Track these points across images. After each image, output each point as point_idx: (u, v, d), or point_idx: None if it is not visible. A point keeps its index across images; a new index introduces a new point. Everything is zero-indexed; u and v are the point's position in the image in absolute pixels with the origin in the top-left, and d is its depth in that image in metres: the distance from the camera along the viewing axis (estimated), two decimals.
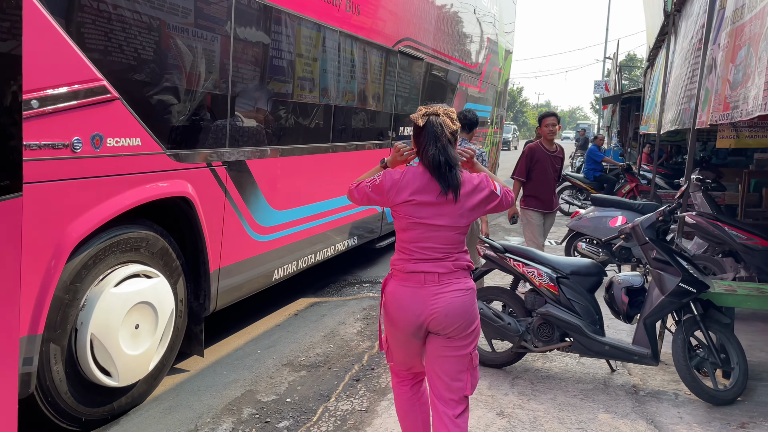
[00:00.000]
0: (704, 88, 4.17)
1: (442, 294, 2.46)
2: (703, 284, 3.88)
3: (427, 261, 2.48)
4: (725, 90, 3.38)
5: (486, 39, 10.62)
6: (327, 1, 5.25)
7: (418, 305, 2.47)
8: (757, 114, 2.76)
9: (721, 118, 3.40)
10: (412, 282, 2.49)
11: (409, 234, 2.52)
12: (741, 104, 3.06)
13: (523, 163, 6.00)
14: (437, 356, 2.52)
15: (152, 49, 3.44)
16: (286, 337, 4.86)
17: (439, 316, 2.45)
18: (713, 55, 4.03)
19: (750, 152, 10.98)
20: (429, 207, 2.47)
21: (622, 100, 17.93)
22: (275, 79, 4.71)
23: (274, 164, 4.76)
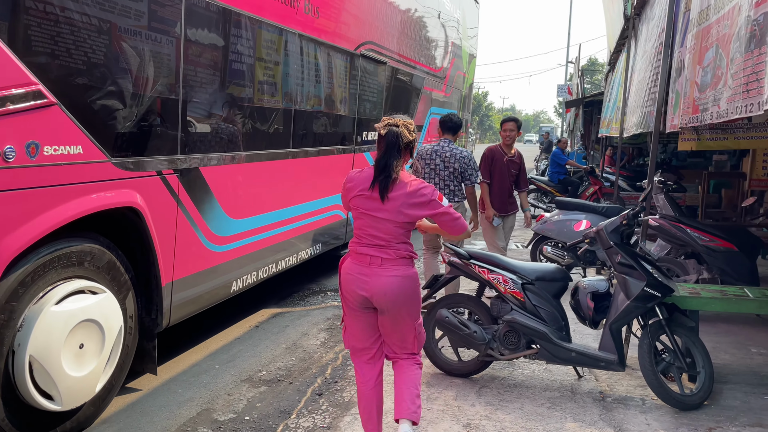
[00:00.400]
0: (674, 91, 4.16)
1: (383, 276, 2.91)
2: (668, 288, 3.85)
3: (372, 246, 2.94)
4: (693, 92, 3.35)
5: (450, 43, 10.60)
6: (285, 3, 5.10)
7: (362, 281, 2.93)
8: (735, 117, 2.72)
9: (691, 121, 3.37)
10: (360, 261, 2.96)
11: (358, 222, 3.00)
12: (711, 106, 3.02)
13: (484, 165, 6.03)
14: (384, 329, 3.03)
15: (96, 52, 3.24)
16: (246, 351, 4.68)
17: (379, 294, 2.91)
18: (681, 57, 4.02)
19: (709, 154, 11.19)
20: (373, 201, 2.92)
21: (585, 104, 18.18)
22: (231, 83, 4.54)
23: (231, 171, 4.58)
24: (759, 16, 2.55)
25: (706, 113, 3.09)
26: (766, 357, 4.64)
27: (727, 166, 10.21)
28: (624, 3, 8.15)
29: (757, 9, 2.58)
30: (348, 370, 4.32)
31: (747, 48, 2.68)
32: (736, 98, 2.75)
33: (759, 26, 2.54)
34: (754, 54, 2.61)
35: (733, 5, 2.91)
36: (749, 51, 2.65)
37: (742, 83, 2.70)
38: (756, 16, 2.58)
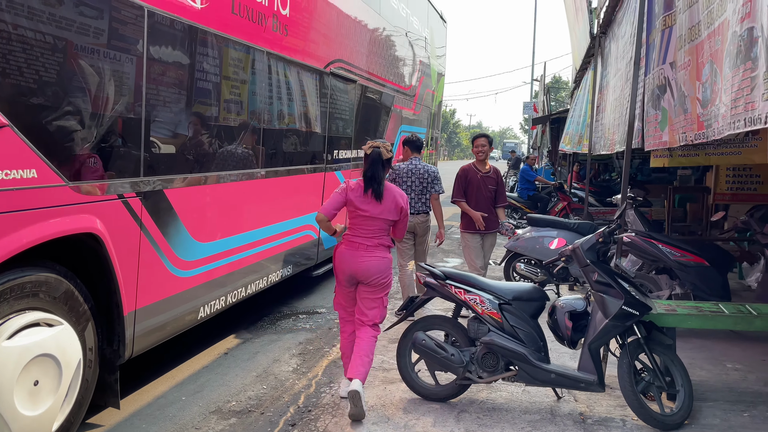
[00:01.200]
0: (659, 108, 4.15)
1: (367, 257, 3.99)
2: (646, 306, 3.81)
3: (362, 237, 4.02)
4: (696, 109, 3.33)
5: (418, 62, 10.63)
6: (252, 21, 5.00)
7: (352, 261, 4.00)
8: (727, 134, 2.70)
9: (697, 138, 3.35)
10: (351, 247, 4.02)
11: (352, 220, 4.06)
12: (713, 122, 3.01)
13: (458, 184, 6.08)
14: (361, 297, 4.07)
15: (52, 71, 3.08)
16: (215, 380, 4.48)
17: (363, 270, 3.98)
18: (665, 74, 4.01)
19: (673, 169, 11.40)
20: (368, 204, 3.98)
21: (552, 121, 18.43)
22: (197, 102, 4.40)
23: (198, 193, 4.42)
24: (743, 31, 2.54)
25: (710, 129, 3.07)
26: (742, 372, 4.64)
27: (692, 180, 10.40)
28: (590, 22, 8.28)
29: (741, 24, 2.57)
30: (322, 398, 4.16)
31: (735, 64, 2.67)
32: (727, 115, 2.74)
33: (744, 42, 2.53)
34: (740, 70, 2.59)
35: (722, 20, 2.91)
36: (736, 67, 2.64)
37: (731, 99, 2.69)
38: (741, 31, 2.57)
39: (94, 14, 3.34)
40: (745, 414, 3.92)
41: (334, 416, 3.88)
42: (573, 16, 10.68)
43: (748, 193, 8.25)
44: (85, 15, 3.27)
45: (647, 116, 4.61)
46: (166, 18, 3.92)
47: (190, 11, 4.15)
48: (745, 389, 4.32)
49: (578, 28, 10.13)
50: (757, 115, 2.39)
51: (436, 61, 12.14)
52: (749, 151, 4.62)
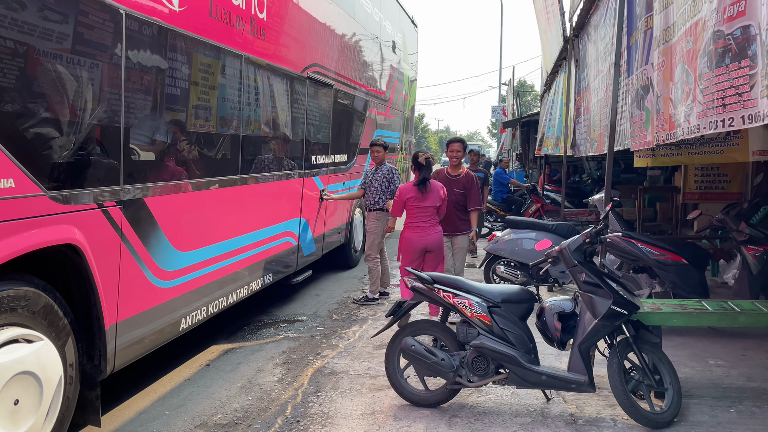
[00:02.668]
0: (643, 108, 4.19)
1: (433, 233, 5.63)
2: (634, 305, 3.84)
3: (422, 221, 5.63)
4: (668, 109, 3.37)
5: (391, 66, 10.62)
6: (230, 25, 4.90)
7: (424, 238, 5.59)
8: (708, 132, 2.72)
9: (669, 137, 3.38)
10: (418, 230, 5.62)
11: (411, 212, 5.66)
12: (683, 122, 3.03)
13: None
14: (428, 261, 5.63)
15: (28, 78, 2.95)
16: (198, 393, 4.36)
17: (432, 242, 5.60)
18: (647, 75, 4.06)
19: (641, 170, 11.62)
20: (420, 199, 5.63)
21: (522, 124, 18.63)
22: (176, 108, 4.29)
23: (178, 201, 4.31)
24: (735, 30, 2.56)
25: (679, 129, 3.10)
26: (725, 368, 4.71)
27: (661, 180, 10.61)
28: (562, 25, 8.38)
29: (730, 24, 2.59)
30: (309, 407, 4.08)
31: (719, 63, 2.69)
32: (708, 113, 2.76)
33: (736, 40, 2.55)
34: (730, 68, 2.61)
35: (695, 21, 2.94)
36: (723, 65, 2.66)
37: (715, 98, 2.71)
38: (731, 30, 2.59)
39: (71, 20, 3.22)
40: (732, 410, 3.97)
41: (324, 426, 3.80)
42: (544, 20, 10.81)
43: (716, 192, 8.44)
44: (61, 21, 3.15)
45: (632, 116, 4.66)
46: (144, 21, 3.81)
47: (168, 15, 4.05)
48: (730, 385, 4.39)
49: (550, 31, 10.26)
50: (757, 113, 2.41)
51: (408, 65, 12.16)
52: (731, 150, 4.72)
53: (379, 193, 6.91)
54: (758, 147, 4.63)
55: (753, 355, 4.98)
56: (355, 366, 4.86)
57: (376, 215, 6.94)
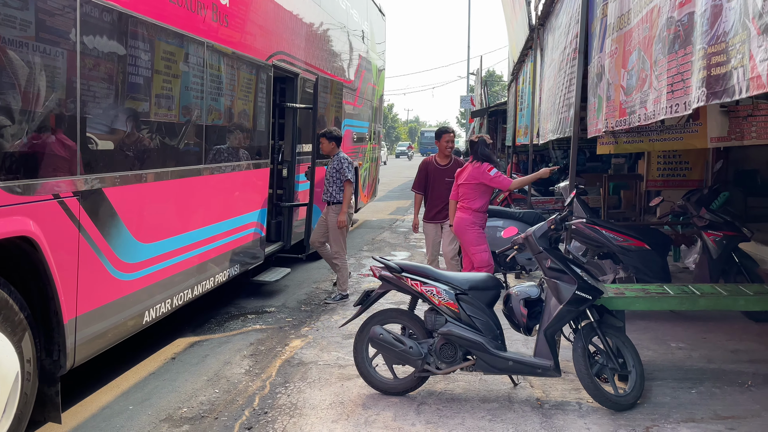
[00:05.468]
0: (596, 96, 4.24)
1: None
2: (598, 290, 3.90)
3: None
4: (619, 96, 3.41)
5: (359, 55, 10.55)
6: (191, 11, 4.79)
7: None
8: (661, 118, 2.76)
9: (619, 124, 3.43)
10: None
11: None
12: (638, 109, 3.07)
13: (419, 177, 6.44)
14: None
15: None
16: (163, 387, 4.28)
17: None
18: (601, 62, 4.10)
19: (606, 158, 11.81)
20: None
21: (490, 113, 18.75)
22: (136, 97, 4.18)
23: (139, 191, 4.20)
24: (683, 16, 2.59)
25: (633, 116, 3.14)
26: (686, 351, 4.83)
27: (625, 168, 10.80)
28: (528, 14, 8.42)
29: (681, 9, 2.62)
30: (278, 398, 4.05)
31: (671, 49, 2.72)
32: (661, 99, 2.79)
33: (683, 27, 2.59)
34: (678, 55, 2.65)
35: (651, 7, 2.97)
36: (673, 52, 2.70)
37: (666, 84, 2.74)
38: (680, 16, 2.62)
39: (23, 3, 3.10)
40: (693, 391, 4.07)
41: (292, 417, 3.77)
42: (510, 9, 10.86)
43: (678, 179, 8.65)
44: (15, 7, 3.03)
45: (589, 104, 4.71)
46: (100, 6, 3.69)
47: (126, 0, 3.93)
48: (691, 367, 4.50)
49: (515, 20, 10.31)
50: (693, 98, 2.46)
51: (376, 54, 12.10)
52: (690, 137, 4.81)
53: (334, 185, 6.50)
54: (716, 134, 4.74)
55: (713, 338, 5.11)
56: (323, 356, 4.83)
57: (334, 209, 6.49)
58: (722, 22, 2.20)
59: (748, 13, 2.03)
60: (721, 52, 2.21)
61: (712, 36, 2.28)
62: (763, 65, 1.91)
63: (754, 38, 1.97)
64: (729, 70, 2.15)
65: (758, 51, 1.94)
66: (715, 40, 2.27)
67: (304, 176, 7.46)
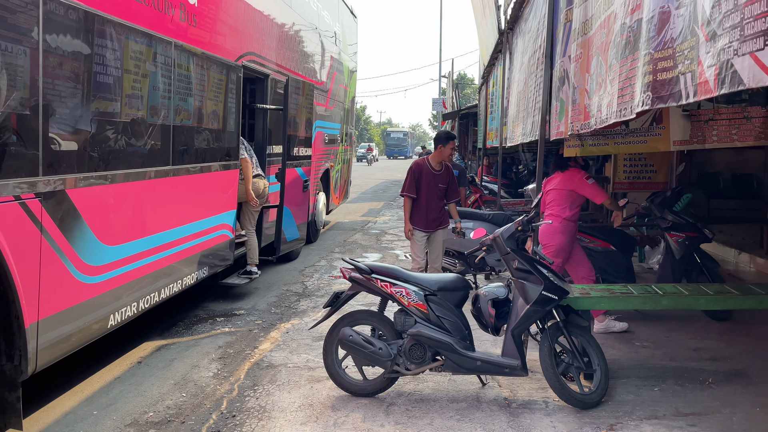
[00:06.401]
0: (558, 99, 4.32)
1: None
2: (564, 290, 3.97)
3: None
4: (584, 99, 3.48)
5: (330, 57, 10.54)
6: (159, 10, 4.73)
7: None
8: (612, 121, 2.83)
9: (583, 127, 3.50)
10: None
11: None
12: (595, 112, 3.14)
13: (410, 179, 5.88)
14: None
15: None
16: (129, 391, 4.21)
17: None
18: (564, 67, 4.18)
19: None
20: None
21: (461, 116, 18.91)
22: (102, 96, 4.11)
23: (104, 193, 4.13)
24: (634, 22, 2.67)
25: (592, 119, 3.21)
26: (650, 349, 4.94)
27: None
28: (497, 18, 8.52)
29: (632, 16, 2.70)
30: (246, 401, 4.02)
31: (622, 54, 2.80)
32: (613, 104, 2.87)
33: (633, 33, 2.66)
34: (628, 60, 2.72)
35: (609, 13, 3.05)
36: (624, 57, 2.77)
37: (618, 89, 2.82)
38: (631, 23, 2.70)
39: None
40: (656, 389, 4.16)
41: (260, 420, 3.75)
42: (480, 13, 10.97)
43: (643, 182, 8.83)
44: None
45: (552, 107, 4.80)
46: (65, 4, 3.62)
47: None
48: (654, 365, 4.60)
49: (485, 24, 10.42)
50: (637, 102, 2.53)
51: (348, 56, 12.10)
52: (654, 140, 4.93)
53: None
54: (679, 137, 4.86)
55: (675, 336, 5.24)
56: (293, 358, 4.81)
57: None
58: (670, 28, 2.27)
59: (697, 20, 2.10)
60: (668, 57, 2.27)
61: (659, 42, 2.34)
62: (711, 70, 1.97)
63: (703, 44, 2.04)
64: (676, 75, 2.22)
65: (706, 57, 2.01)
66: (662, 46, 2.33)
67: (275, 178, 7.42)
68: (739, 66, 1.85)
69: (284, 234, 7.63)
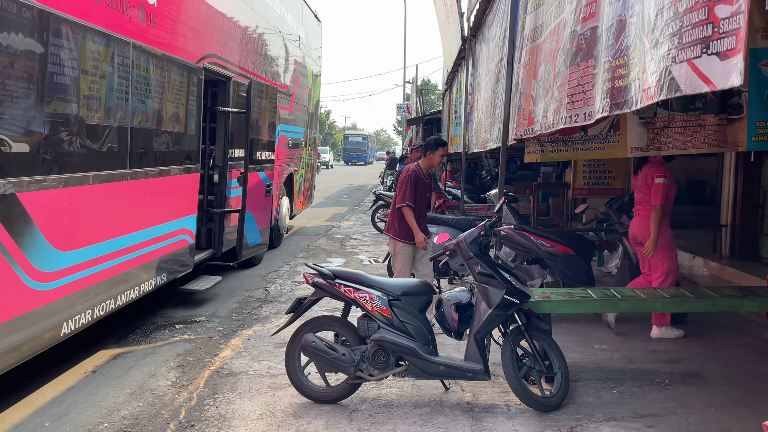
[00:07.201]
0: (515, 105, 4.37)
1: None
2: (525, 294, 4.00)
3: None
4: (529, 105, 3.53)
5: (294, 60, 10.47)
6: (116, 10, 4.61)
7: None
8: (560, 127, 2.87)
9: (526, 133, 3.54)
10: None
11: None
12: (541, 118, 3.18)
13: (409, 187, 5.35)
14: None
15: None
16: (83, 401, 4.08)
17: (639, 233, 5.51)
18: (518, 73, 4.24)
19: (535, 167, 12.21)
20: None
21: (425, 121, 19.02)
22: (56, 97, 3.98)
23: (57, 197, 4.00)
24: (586, 30, 2.72)
25: (537, 125, 3.26)
26: (608, 352, 5.03)
27: (553, 177, 11.21)
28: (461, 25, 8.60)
29: (584, 24, 2.74)
30: (205, 410, 3.93)
31: (572, 61, 2.84)
32: (561, 109, 2.91)
33: (586, 40, 2.71)
34: (580, 67, 2.77)
35: (558, 21, 3.10)
36: (575, 64, 2.82)
37: (566, 95, 2.86)
38: (583, 30, 2.75)
39: None
40: (615, 390, 4.24)
41: (220, 429, 3.68)
42: (444, 20, 11.07)
43: (602, 187, 9.06)
44: None
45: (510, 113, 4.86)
46: (17, 2, 3.50)
47: None
48: (613, 367, 4.69)
49: (449, 31, 10.51)
50: (597, 108, 2.57)
51: (312, 60, 12.04)
52: (611, 147, 5.03)
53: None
54: (635, 144, 4.98)
55: (633, 339, 5.34)
56: (254, 366, 4.73)
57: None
58: (625, 36, 2.32)
59: (644, 28, 2.15)
60: (624, 65, 2.33)
61: (617, 50, 2.40)
62: (653, 77, 2.02)
63: (648, 52, 2.09)
64: (629, 83, 2.27)
65: (650, 64, 2.05)
66: (619, 54, 2.39)
67: (237, 182, 7.31)
68: (676, 73, 1.89)
69: (246, 239, 7.53)
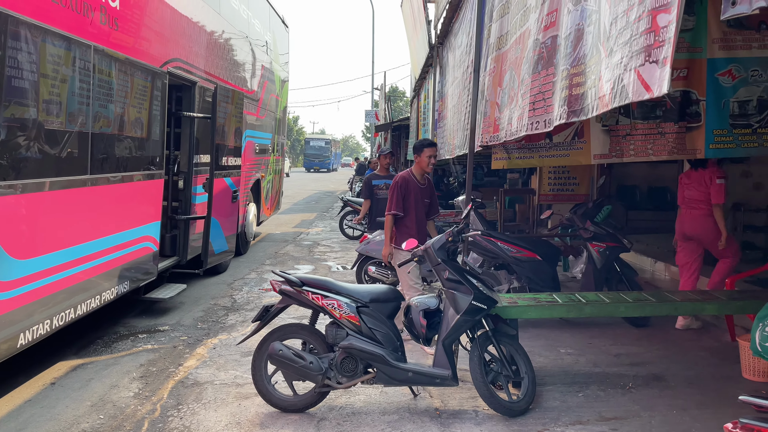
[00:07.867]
0: (481, 112, 4.41)
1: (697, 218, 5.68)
2: (493, 300, 4.03)
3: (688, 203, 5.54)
4: (494, 112, 3.57)
5: (261, 66, 10.40)
6: (77, 12, 4.50)
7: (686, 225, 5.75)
8: (523, 134, 2.91)
9: (492, 140, 3.58)
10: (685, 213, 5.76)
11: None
12: (506, 125, 3.22)
13: (398, 194, 5.18)
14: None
15: None
16: (41, 414, 3.94)
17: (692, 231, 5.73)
18: (484, 81, 4.28)
19: (502, 173, 12.35)
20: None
21: (393, 128, 19.08)
22: (13, 101, 3.86)
23: (13, 203, 3.87)
24: (547, 39, 2.76)
25: (502, 131, 3.30)
26: (574, 356, 5.09)
27: (519, 183, 11.35)
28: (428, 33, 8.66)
29: (545, 32, 2.79)
30: (169, 422, 3.84)
31: (535, 69, 2.89)
32: (524, 116, 2.96)
33: (547, 49, 2.75)
34: (541, 75, 2.82)
35: (523, 30, 3.15)
36: (537, 72, 2.86)
37: (529, 102, 2.91)
38: (544, 39, 2.79)
39: None
40: (580, 394, 4.29)
41: None
42: (412, 27, 11.13)
43: (567, 194, 9.20)
44: None
45: (477, 120, 4.90)
46: None
47: None
48: (578, 371, 4.75)
49: (417, 38, 10.58)
50: (555, 116, 2.62)
51: (279, 66, 11.97)
52: (576, 154, 5.12)
53: None
54: (599, 151, 5.08)
55: (598, 343, 5.43)
56: (220, 375, 4.65)
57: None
58: (583, 45, 2.37)
59: (599, 37, 2.19)
60: (581, 73, 2.37)
61: (575, 58, 2.44)
62: (608, 85, 2.06)
63: (603, 60, 2.13)
64: (585, 90, 2.32)
65: (605, 72, 2.10)
66: (576, 62, 2.43)
67: (202, 188, 7.20)
68: (626, 81, 1.94)
69: (212, 246, 7.42)
